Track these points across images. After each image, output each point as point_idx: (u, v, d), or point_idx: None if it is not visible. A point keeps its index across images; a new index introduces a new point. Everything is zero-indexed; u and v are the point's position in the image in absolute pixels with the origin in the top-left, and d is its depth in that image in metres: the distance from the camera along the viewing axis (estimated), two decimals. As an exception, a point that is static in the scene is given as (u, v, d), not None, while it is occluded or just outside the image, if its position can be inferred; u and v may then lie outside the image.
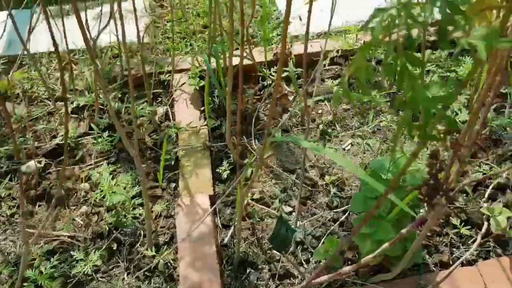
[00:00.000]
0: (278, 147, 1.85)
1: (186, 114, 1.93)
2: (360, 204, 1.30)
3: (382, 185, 1.30)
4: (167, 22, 2.82)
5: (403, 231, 0.96)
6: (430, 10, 0.48)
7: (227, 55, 1.95)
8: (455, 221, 1.50)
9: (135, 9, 1.55)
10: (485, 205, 1.54)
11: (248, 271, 1.44)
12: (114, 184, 1.58)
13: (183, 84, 2.05)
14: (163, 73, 2.11)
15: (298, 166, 1.77)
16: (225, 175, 1.71)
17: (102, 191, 1.56)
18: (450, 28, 0.49)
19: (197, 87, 2.00)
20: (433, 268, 1.43)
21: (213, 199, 1.62)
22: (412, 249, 1.15)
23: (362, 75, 0.57)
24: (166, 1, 3.09)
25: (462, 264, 1.41)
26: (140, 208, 1.60)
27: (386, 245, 0.94)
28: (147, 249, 1.48)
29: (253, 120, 1.92)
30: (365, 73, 0.57)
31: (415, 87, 0.52)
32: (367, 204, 1.29)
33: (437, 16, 0.49)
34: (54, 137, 1.87)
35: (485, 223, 1.48)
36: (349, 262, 1.44)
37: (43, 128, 1.88)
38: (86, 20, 1.63)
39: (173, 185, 1.69)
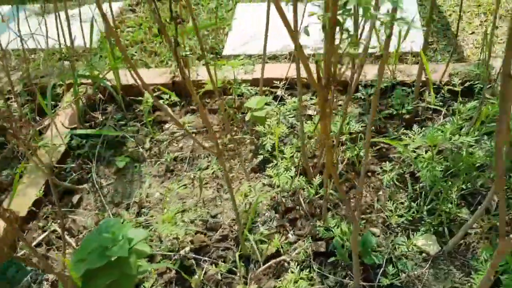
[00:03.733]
0: (122, 176, 1.87)
1: (58, 129, 2.02)
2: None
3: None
4: (128, 27, 2.93)
5: None
6: None
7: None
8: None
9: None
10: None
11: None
12: None
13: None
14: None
15: (126, 200, 1.77)
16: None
17: None
18: None
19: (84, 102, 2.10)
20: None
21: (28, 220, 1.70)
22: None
23: None
24: (139, 6, 3.19)
25: None
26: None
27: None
28: None
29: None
30: None
31: None
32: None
33: None
34: None
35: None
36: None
37: None
38: None
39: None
